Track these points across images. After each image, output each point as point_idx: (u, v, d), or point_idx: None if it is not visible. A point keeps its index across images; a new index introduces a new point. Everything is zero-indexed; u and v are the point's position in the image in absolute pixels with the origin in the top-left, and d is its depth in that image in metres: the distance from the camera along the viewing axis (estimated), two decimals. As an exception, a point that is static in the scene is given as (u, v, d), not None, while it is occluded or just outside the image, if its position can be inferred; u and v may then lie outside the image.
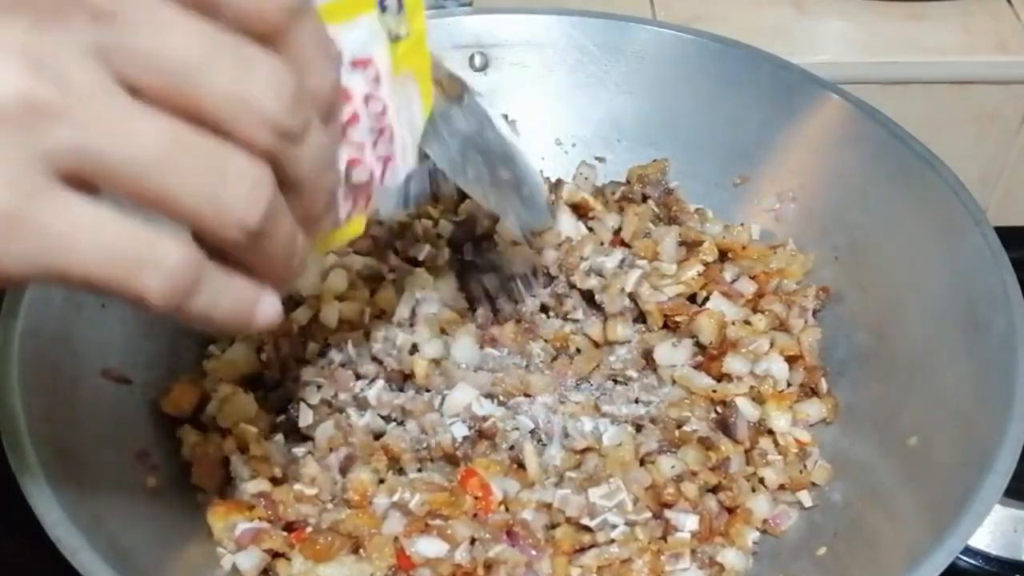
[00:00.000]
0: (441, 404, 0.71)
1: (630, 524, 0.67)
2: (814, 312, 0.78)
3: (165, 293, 0.40)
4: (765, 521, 0.70)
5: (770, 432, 0.73)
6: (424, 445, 0.70)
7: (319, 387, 0.71)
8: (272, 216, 0.41)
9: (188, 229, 0.40)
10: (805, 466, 0.72)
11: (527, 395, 0.72)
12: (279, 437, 0.71)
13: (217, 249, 0.41)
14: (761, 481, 0.71)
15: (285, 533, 0.67)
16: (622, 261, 0.78)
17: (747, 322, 0.77)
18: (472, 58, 0.87)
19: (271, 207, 0.41)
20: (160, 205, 0.39)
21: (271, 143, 0.40)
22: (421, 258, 0.78)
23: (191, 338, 0.76)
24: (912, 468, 0.67)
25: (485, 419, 0.70)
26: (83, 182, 0.38)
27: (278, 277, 0.45)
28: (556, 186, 0.84)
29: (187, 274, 0.40)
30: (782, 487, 0.71)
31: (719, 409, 0.73)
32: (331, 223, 0.50)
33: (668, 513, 0.68)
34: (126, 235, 0.39)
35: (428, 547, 0.65)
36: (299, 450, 0.70)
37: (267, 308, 0.45)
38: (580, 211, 0.82)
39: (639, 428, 0.72)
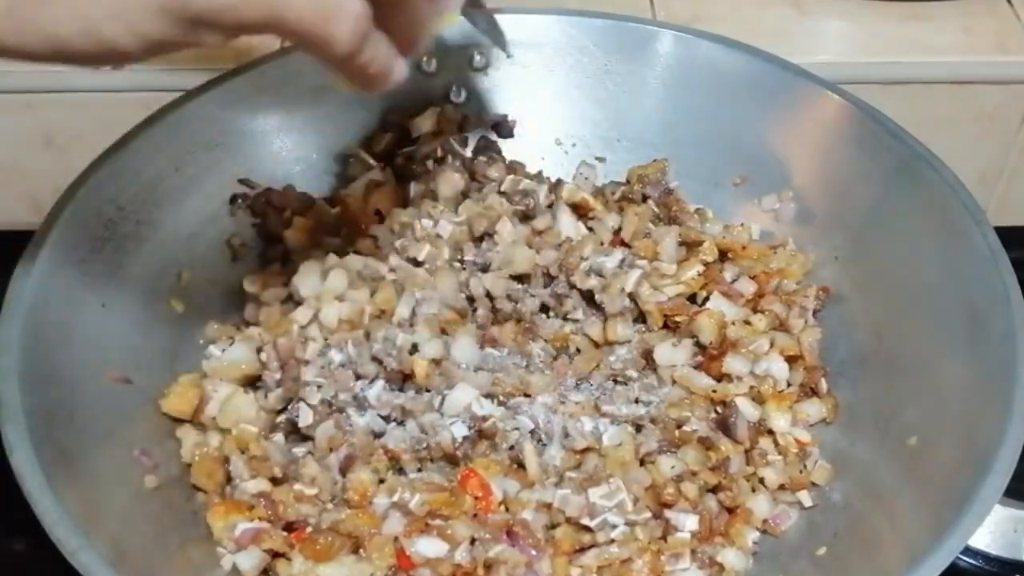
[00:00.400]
0: (441, 404, 0.71)
1: (630, 524, 0.67)
2: (814, 312, 0.78)
3: (349, 38, 0.50)
4: (765, 521, 0.70)
5: (770, 432, 0.73)
6: (424, 445, 0.70)
7: (319, 387, 0.71)
8: None
9: None
10: (805, 466, 0.72)
11: (527, 395, 0.72)
12: (279, 437, 0.71)
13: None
14: (761, 481, 0.71)
15: (285, 533, 0.67)
16: (622, 261, 0.78)
17: (747, 322, 0.77)
18: (472, 58, 0.87)
19: None
20: None
21: None
22: (421, 258, 0.78)
23: (191, 338, 0.76)
24: (912, 468, 0.67)
25: (485, 419, 0.70)
26: None
27: (411, 42, 0.56)
28: (556, 186, 0.84)
29: (365, 24, 0.51)
30: (782, 487, 0.71)
31: (719, 409, 0.73)
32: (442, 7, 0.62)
33: (668, 513, 0.68)
34: None
35: (428, 547, 0.65)
36: (299, 450, 0.71)
37: (401, 69, 0.57)
38: (580, 211, 0.82)
39: (639, 428, 0.72)
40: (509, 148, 0.88)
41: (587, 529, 0.67)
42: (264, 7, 0.48)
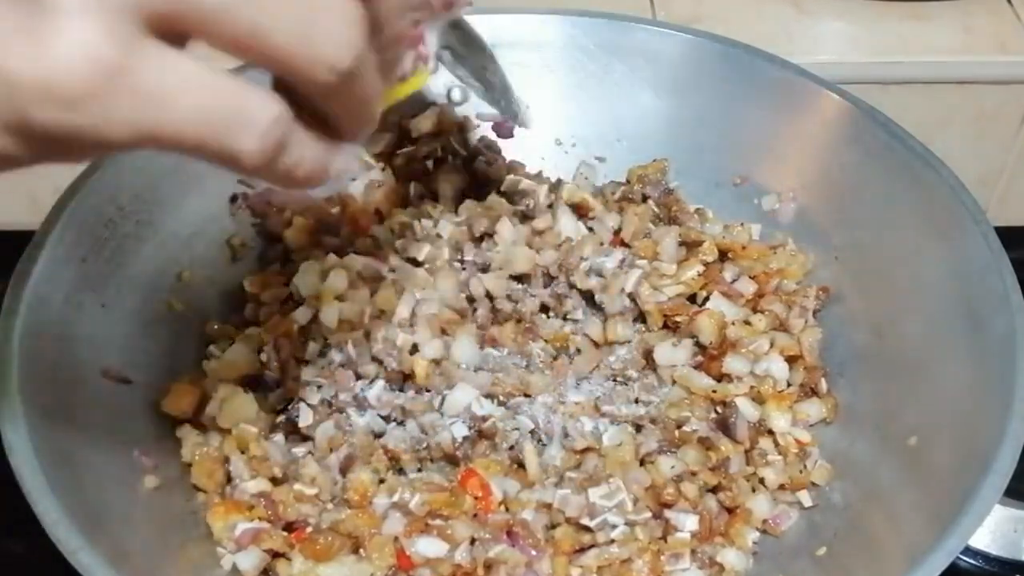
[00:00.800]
0: (441, 404, 0.71)
1: (630, 524, 0.67)
2: (814, 312, 0.78)
3: (259, 151, 0.39)
4: (765, 521, 0.70)
5: (770, 432, 0.73)
6: (424, 445, 0.70)
7: (319, 387, 0.71)
8: (363, 58, 0.40)
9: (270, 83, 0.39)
10: (805, 466, 0.72)
11: (527, 395, 0.72)
12: (279, 437, 0.71)
13: (299, 104, 0.40)
14: (761, 481, 0.71)
15: (285, 533, 0.67)
16: (622, 261, 0.78)
17: (747, 322, 0.77)
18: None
19: (363, 48, 0.39)
20: (251, 47, 0.37)
21: None
22: (421, 258, 0.78)
23: (191, 338, 0.76)
24: (912, 468, 0.67)
25: (485, 419, 0.70)
26: (171, 33, 0.36)
27: (356, 128, 0.44)
28: (556, 186, 0.84)
29: (279, 131, 0.39)
30: (782, 487, 0.71)
31: (719, 409, 0.73)
32: (401, 72, 0.51)
33: (668, 513, 0.68)
34: (221, 90, 0.37)
35: (428, 547, 0.65)
36: (299, 450, 0.70)
37: (343, 160, 0.44)
38: (580, 211, 0.82)
39: (639, 428, 0.72)
40: (509, 148, 0.88)
41: (587, 529, 0.67)
42: (136, 122, 0.36)
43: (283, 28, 0.37)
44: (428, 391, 0.72)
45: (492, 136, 0.88)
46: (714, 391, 0.73)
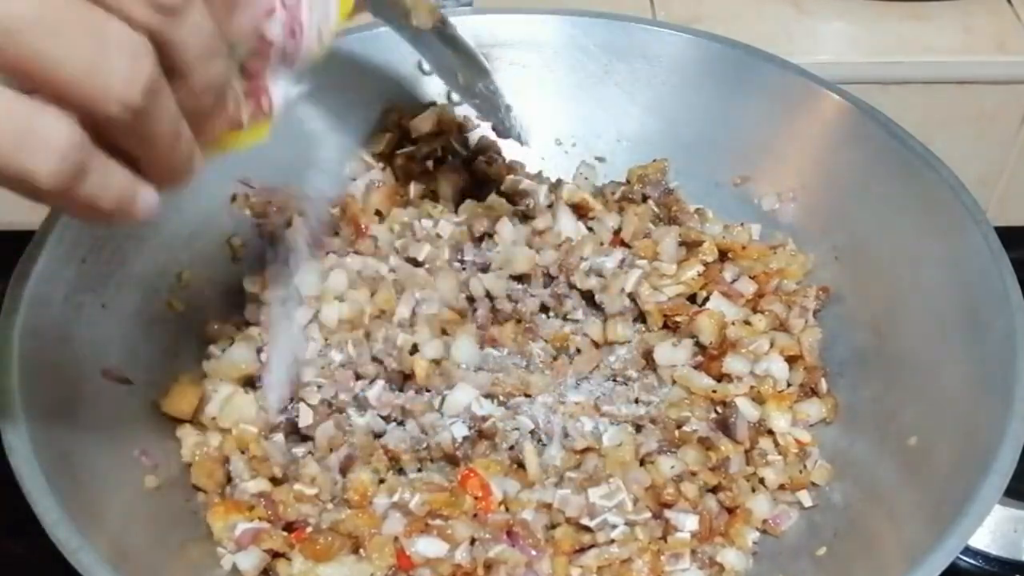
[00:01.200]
0: (441, 404, 0.71)
1: (630, 524, 0.67)
2: (814, 312, 0.78)
3: (54, 173, 0.39)
4: (765, 521, 0.70)
5: (770, 432, 0.73)
6: (424, 445, 0.70)
7: (319, 387, 0.71)
8: (154, 95, 0.40)
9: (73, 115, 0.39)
10: (805, 466, 0.72)
11: (527, 395, 0.72)
12: (279, 437, 0.71)
13: (102, 137, 0.40)
14: (761, 481, 0.71)
15: (285, 533, 0.67)
16: (622, 261, 0.78)
17: (747, 322, 0.77)
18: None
19: (153, 84, 0.40)
20: (38, 75, 0.37)
21: (147, 17, 0.39)
22: (421, 258, 0.78)
23: (191, 338, 0.76)
24: (912, 468, 0.67)
25: (485, 419, 0.70)
26: None
27: (164, 170, 0.44)
28: (556, 186, 0.84)
29: (75, 154, 0.39)
30: (782, 487, 0.71)
31: (719, 409, 0.73)
32: (225, 121, 0.48)
33: (668, 513, 0.68)
34: (12, 110, 0.37)
35: (428, 547, 0.65)
36: (299, 450, 0.70)
37: (148, 200, 0.44)
38: (580, 211, 0.82)
39: (639, 428, 0.72)
40: (509, 148, 0.88)
41: (587, 529, 0.67)
42: None
43: (68, 57, 0.37)
44: (428, 391, 0.72)
45: (492, 136, 0.88)
46: (714, 391, 0.73)
